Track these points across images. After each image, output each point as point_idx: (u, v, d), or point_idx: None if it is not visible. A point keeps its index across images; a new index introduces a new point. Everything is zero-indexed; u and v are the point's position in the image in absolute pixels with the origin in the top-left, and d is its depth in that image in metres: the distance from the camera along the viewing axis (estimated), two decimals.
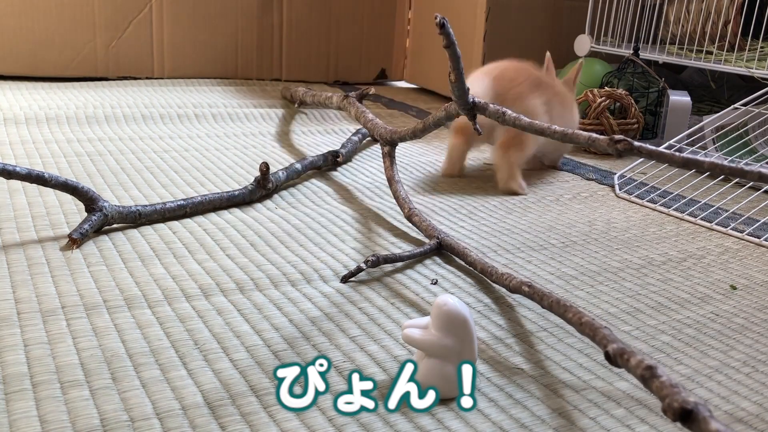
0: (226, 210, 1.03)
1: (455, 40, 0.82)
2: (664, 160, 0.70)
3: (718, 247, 1.01)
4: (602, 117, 1.51)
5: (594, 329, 0.60)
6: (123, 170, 1.18)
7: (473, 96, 0.88)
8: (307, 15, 2.11)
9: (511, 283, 0.77)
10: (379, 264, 0.84)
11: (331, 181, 1.22)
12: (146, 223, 0.95)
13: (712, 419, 0.46)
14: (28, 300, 0.72)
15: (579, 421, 0.59)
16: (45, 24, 1.82)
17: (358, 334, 0.70)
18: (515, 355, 0.68)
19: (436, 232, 0.93)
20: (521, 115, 0.84)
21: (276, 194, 1.11)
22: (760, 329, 0.77)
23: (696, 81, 2.06)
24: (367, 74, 2.26)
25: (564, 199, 1.20)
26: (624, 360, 0.55)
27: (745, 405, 0.63)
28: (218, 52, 2.02)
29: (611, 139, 0.72)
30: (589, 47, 1.80)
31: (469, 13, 1.93)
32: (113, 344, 0.65)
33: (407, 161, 1.38)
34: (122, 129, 1.45)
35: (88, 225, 0.88)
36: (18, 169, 0.86)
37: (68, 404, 0.56)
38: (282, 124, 1.60)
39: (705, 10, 1.70)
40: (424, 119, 1.02)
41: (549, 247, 0.97)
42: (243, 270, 0.83)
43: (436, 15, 0.78)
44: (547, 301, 0.70)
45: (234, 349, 0.66)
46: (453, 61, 0.84)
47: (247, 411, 0.57)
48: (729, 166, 0.67)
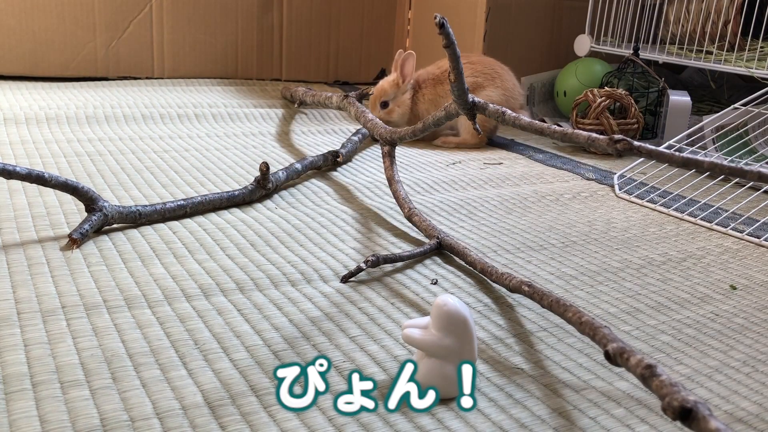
0: (226, 210, 1.03)
1: (455, 39, 0.82)
2: (664, 160, 0.70)
3: (717, 247, 1.02)
4: (602, 117, 1.51)
5: (594, 328, 0.60)
6: (123, 170, 1.18)
7: (473, 96, 0.88)
8: (307, 15, 2.11)
9: (510, 282, 0.77)
10: (379, 264, 0.84)
11: (331, 181, 1.22)
12: (146, 223, 0.95)
13: (712, 418, 0.46)
14: (28, 300, 0.72)
15: (579, 420, 0.59)
16: (45, 24, 1.82)
17: (358, 334, 0.70)
18: (515, 355, 0.68)
19: (436, 231, 0.93)
20: (520, 115, 0.84)
21: (276, 194, 1.12)
22: (760, 329, 0.77)
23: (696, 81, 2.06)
24: (367, 74, 2.26)
25: (564, 199, 1.20)
26: (624, 359, 0.55)
27: (745, 405, 0.63)
28: (218, 52, 2.02)
29: (611, 139, 0.72)
30: (589, 47, 1.80)
31: (469, 13, 1.93)
32: (113, 344, 0.65)
33: (407, 161, 1.38)
34: (122, 129, 1.45)
35: (88, 225, 0.88)
36: (18, 169, 0.86)
37: (68, 404, 0.56)
38: (282, 124, 1.60)
39: (705, 9, 1.70)
40: (424, 119, 1.02)
41: (549, 247, 0.97)
42: (243, 270, 0.83)
43: (435, 15, 0.78)
44: (547, 301, 0.70)
45: (234, 349, 0.66)
46: (452, 60, 0.84)
47: (247, 411, 0.57)
48: (729, 165, 0.67)
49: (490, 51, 1.91)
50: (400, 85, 1.51)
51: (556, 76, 1.86)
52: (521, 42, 1.96)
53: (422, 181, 1.25)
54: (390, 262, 0.86)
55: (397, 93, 1.51)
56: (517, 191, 1.22)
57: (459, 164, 1.37)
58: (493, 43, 1.91)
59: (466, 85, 0.87)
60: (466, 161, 1.40)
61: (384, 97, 1.51)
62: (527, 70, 1.94)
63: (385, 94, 1.52)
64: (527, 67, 1.96)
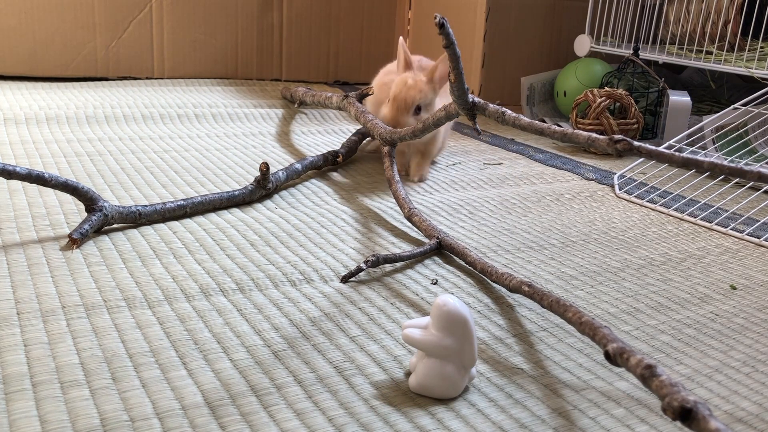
0: (226, 210, 1.03)
1: (455, 40, 0.82)
2: (663, 160, 0.70)
3: (717, 247, 1.02)
4: (602, 117, 1.51)
5: (594, 329, 0.60)
6: (123, 170, 1.18)
7: (473, 96, 0.88)
8: (307, 15, 2.11)
9: (510, 282, 0.77)
10: (378, 264, 0.84)
11: (331, 181, 1.22)
12: (146, 223, 0.95)
13: (712, 418, 0.46)
14: (28, 300, 0.72)
15: (579, 420, 0.59)
16: (45, 24, 1.82)
17: (358, 334, 0.70)
18: (515, 355, 0.68)
19: (435, 232, 0.93)
20: (520, 116, 0.84)
21: (276, 194, 1.11)
22: (759, 329, 0.77)
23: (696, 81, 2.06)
24: (367, 74, 2.26)
25: (564, 199, 1.20)
26: (624, 359, 0.55)
27: (745, 405, 0.63)
28: (218, 52, 2.02)
29: (611, 139, 0.72)
30: (589, 47, 1.80)
31: (469, 13, 1.93)
32: (113, 344, 0.65)
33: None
34: (122, 129, 1.45)
35: (88, 225, 0.88)
36: (18, 169, 0.86)
37: (68, 404, 0.56)
38: (282, 124, 1.60)
39: (705, 9, 1.70)
40: (424, 119, 1.02)
41: (549, 247, 0.97)
42: (243, 270, 0.83)
43: (435, 15, 0.78)
44: (547, 301, 0.70)
45: (234, 349, 0.66)
46: (452, 60, 0.84)
47: (247, 411, 0.57)
48: (729, 165, 0.67)
49: (490, 51, 1.91)
50: (436, 89, 1.20)
51: (556, 76, 1.86)
52: (521, 42, 1.96)
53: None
54: (390, 262, 0.86)
55: (433, 98, 1.20)
56: (517, 191, 1.22)
57: (459, 164, 1.37)
58: (493, 43, 1.91)
59: (466, 85, 0.87)
60: (466, 162, 1.40)
61: (421, 100, 1.18)
62: (527, 70, 1.94)
63: (422, 97, 1.18)
64: (527, 67, 1.96)
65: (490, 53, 1.91)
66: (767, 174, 0.67)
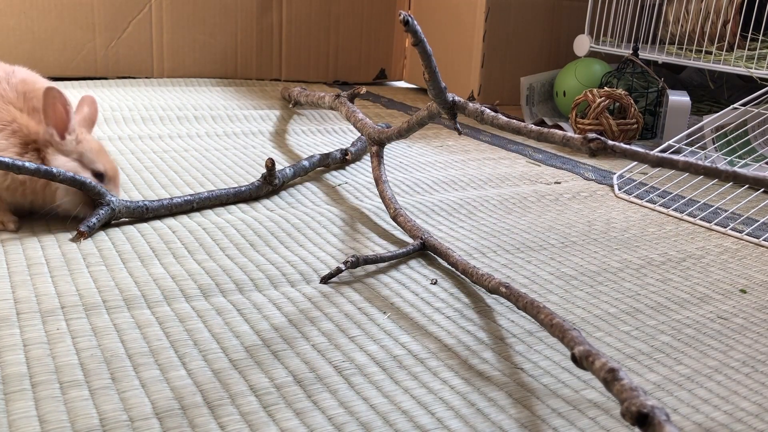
0: (225, 210, 1.03)
1: (423, 37, 0.80)
2: (638, 159, 0.70)
3: (717, 247, 1.02)
4: (602, 117, 1.51)
5: (563, 331, 0.61)
6: (123, 170, 1.18)
7: (453, 95, 0.87)
8: (307, 15, 2.11)
9: (490, 284, 0.78)
10: (359, 264, 0.84)
11: (332, 181, 1.22)
12: (153, 218, 0.96)
13: (668, 423, 0.46)
14: (27, 300, 0.72)
15: (578, 421, 0.59)
16: (45, 24, 1.82)
17: (357, 334, 0.70)
18: (515, 355, 0.68)
19: (420, 232, 0.93)
20: (499, 114, 0.84)
21: (283, 191, 1.12)
22: (759, 329, 0.77)
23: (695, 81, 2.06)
24: (366, 74, 2.26)
25: (563, 199, 1.20)
26: (589, 362, 0.55)
27: (744, 405, 0.63)
28: (218, 52, 2.02)
29: (585, 138, 0.71)
30: (589, 47, 1.80)
31: (468, 13, 1.93)
32: (113, 344, 0.65)
33: (407, 162, 1.38)
34: (122, 129, 1.45)
35: (96, 218, 0.90)
36: (27, 164, 0.86)
37: (68, 404, 0.56)
38: (281, 124, 1.60)
39: (704, 9, 1.70)
40: (409, 119, 1.02)
41: (548, 247, 0.97)
42: (242, 270, 0.83)
43: (400, 12, 0.76)
44: (522, 302, 0.70)
45: (234, 348, 0.66)
46: (424, 58, 0.82)
47: (246, 411, 0.57)
48: (704, 165, 0.67)
49: (489, 51, 1.91)
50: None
51: (555, 76, 1.86)
52: (521, 42, 1.96)
53: (422, 181, 1.25)
54: (371, 263, 0.85)
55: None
56: (516, 191, 1.22)
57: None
58: (493, 43, 1.91)
59: (442, 83, 0.86)
60: (466, 161, 1.40)
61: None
62: (527, 70, 1.94)
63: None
64: (527, 67, 1.96)
65: (489, 53, 1.91)
66: (742, 174, 0.67)
